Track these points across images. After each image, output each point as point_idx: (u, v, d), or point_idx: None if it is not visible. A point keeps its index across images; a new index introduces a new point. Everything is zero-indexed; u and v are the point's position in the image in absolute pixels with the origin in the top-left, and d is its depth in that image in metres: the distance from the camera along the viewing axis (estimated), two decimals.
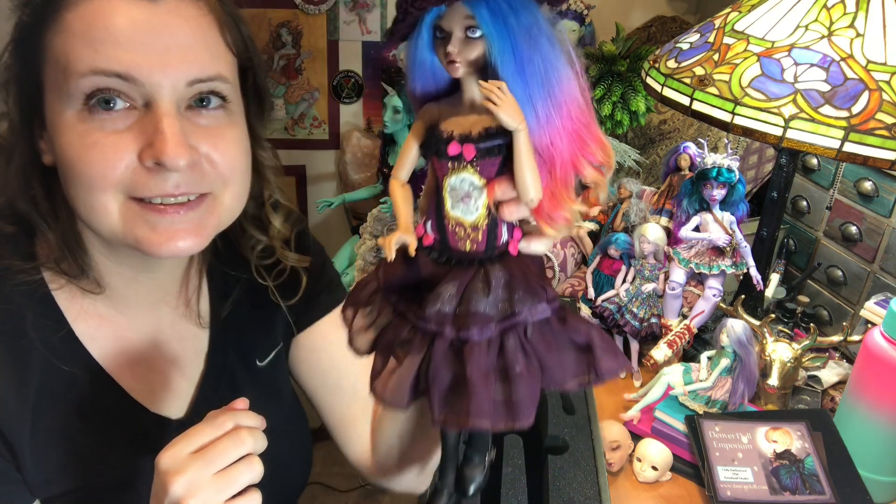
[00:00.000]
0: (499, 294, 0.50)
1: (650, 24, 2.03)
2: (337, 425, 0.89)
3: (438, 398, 0.48)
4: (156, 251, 0.62)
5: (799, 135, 0.88)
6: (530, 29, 0.46)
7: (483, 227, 0.50)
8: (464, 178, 0.49)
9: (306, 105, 2.03)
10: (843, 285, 1.32)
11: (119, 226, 0.61)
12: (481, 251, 0.51)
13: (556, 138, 0.48)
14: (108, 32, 0.57)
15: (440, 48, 0.48)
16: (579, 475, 0.84)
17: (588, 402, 0.97)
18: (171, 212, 0.62)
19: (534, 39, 0.46)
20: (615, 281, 1.18)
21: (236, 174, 0.66)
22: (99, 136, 0.58)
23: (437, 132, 0.49)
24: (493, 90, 0.45)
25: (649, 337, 1.16)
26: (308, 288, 0.82)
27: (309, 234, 0.85)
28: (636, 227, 1.21)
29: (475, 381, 0.47)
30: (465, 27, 0.46)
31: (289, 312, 0.83)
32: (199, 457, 0.55)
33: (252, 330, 0.81)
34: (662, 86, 1.05)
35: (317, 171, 2.13)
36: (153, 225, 0.61)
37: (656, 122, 1.72)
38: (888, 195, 1.21)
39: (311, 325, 0.86)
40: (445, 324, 0.49)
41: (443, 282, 0.49)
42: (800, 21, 0.95)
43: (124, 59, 0.57)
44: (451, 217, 0.50)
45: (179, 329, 0.76)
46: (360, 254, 1.48)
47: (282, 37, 1.90)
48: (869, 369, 0.92)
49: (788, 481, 0.91)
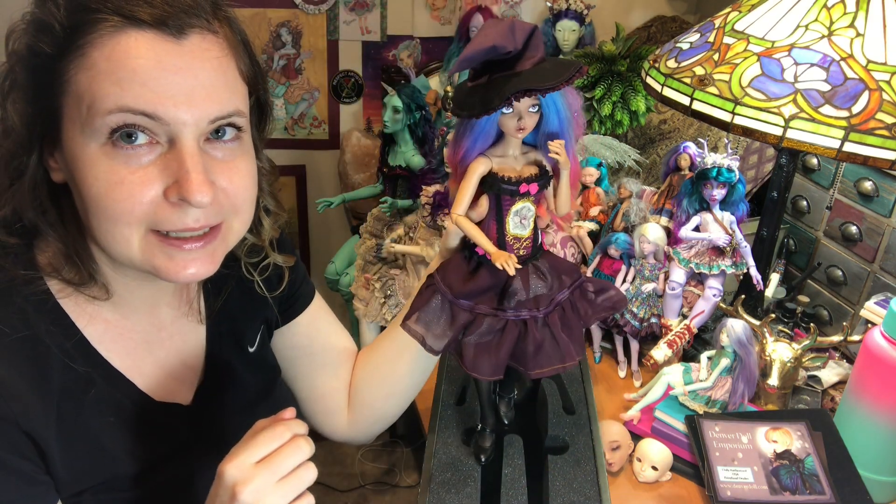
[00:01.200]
0: (550, 278, 0.73)
1: (650, 23, 2.03)
2: (319, 399, 0.96)
3: (533, 358, 0.70)
4: (172, 278, 0.66)
5: (799, 135, 0.88)
6: (565, 98, 0.68)
7: (531, 238, 0.72)
8: (525, 205, 0.70)
9: (306, 105, 2.03)
10: (843, 285, 1.32)
11: (138, 255, 0.64)
12: (529, 254, 0.72)
13: (575, 162, 0.71)
14: (135, 73, 0.59)
15: (509, 120, 0.66)
16: (579, 475, 0.84)
17: (588, 402, 0.97)
18: (188, 244, 0.65)
19: (564, 102, 0.68)
20: (615, 281, 1.18)
21: (247, 203, 0.69)
22: (125, 174, 0.60)
23: (499, 177, 0.68)
24: (560, 150, 0.67)
25: (649, 337, 1.16)
26: (290, 280, 0.88)
27: (283, 231, 0.90)
28: (636, 227, 1.21)
29: (561, 338, 0.71)
30: (530, 105, 0.66)
31: (275, 303, 0.88)
32: (264, 466, 0.61)
33: (242, 320, 0.86)
34: (662, 85, 1.05)
35: (317, 170, 2.13)
36: (171, 256, 0.65)
37: (656, 122, 1.72)
38: (888, 195, 1.21)
39: (298, 314, 0.92)
40: (529, 308, 0.71)
41: (509, 280, 0.71)
42: (800, 21, 0.95)
43: (151, 98, 0.59)
44: (511, 234, 0.71)
45: (180, 326, 0.80)
46: (361, 253, 1.48)
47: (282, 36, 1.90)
48: (869, 369, 0.92)
49: (788, 481, 0.91)
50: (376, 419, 0.96)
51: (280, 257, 0.85)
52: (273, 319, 0.90)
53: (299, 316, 0.92)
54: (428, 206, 1.30)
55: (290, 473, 0.62)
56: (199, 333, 0.82)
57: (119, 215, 0.61)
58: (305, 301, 0.93)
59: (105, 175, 0.60)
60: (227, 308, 0.84)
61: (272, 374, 0.91)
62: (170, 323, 0.78)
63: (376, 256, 1.45)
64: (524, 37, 0.62)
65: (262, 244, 0.81)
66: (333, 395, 0.96)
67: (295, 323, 0.92)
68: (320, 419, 0.97)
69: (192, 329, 0.81)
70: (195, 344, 0.81)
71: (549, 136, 0.69)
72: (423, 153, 1.47)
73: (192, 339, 0.81)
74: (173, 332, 0.79)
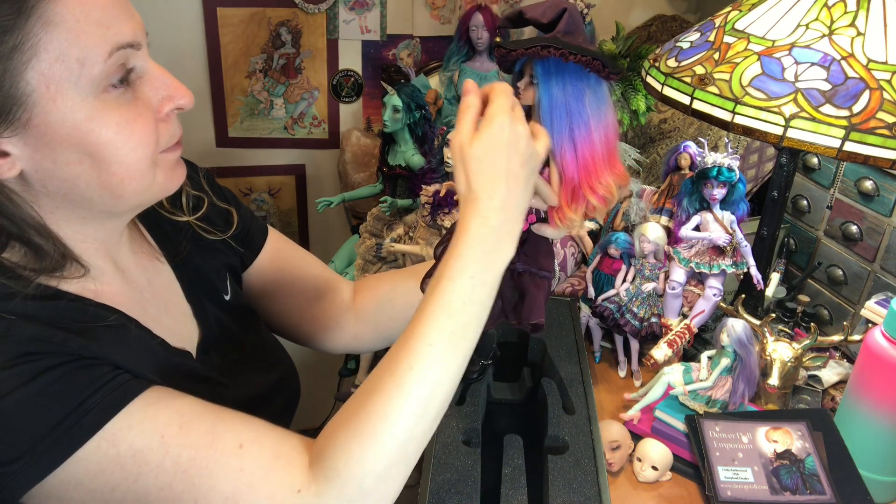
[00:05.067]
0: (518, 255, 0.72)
1: (650, 22, 2.03)
2: (311, 322, 1.00)
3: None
4: (174, 187, 0.70)
5: (799, 134, 0.88)
6: (564, 86, 0.68)
7: None
8: None
9: (306, 104, 2.02)
10: (843, 285, 1.32)
11: (159, 178, 0.67)
12: None
13: (566, 162, 0.70)
14: (105, 9, 0.59)
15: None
16: (579, 475, 0.84)
17: (588, 402, 0.97)
18: (175, 151, 0.69)
19: (566, 93, 0.68)
20: (615, 280, 1.18)
21: None
22: (134, 109, 0.63)
23: None
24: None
25: (649, 336, 1.16)
26: (240, 218, 0.91)
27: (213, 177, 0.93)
28: (636, 227, 1.20)
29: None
30: (531, 74, 0.70)
31: (234, 243, 0.90)
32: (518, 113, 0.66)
33: (208, 271, 0.86)
34: (663, 85, 1.04)
35: (316, 170, 2.12)
36: (170, 167, 0.69)
37: (656, 122, 1.72)
38: (889, 194, 1.21)
39: (259, 251, 0.95)
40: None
41: None
42: (800, 20, 0.94)
43: (127, 28, 0.61)
44: None
45: (152, 274, 0.80)
46: (360, 253, 1.48)
47: (281, 36, 1.90)
48: (869, 369, 0.92)
49: (789, 481, 0.90)
50: (385, 338, 1.02)
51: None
52: (236, 265, 0.92)
53: (262, 252, 0.95)
54: (428, 205, 1.30)
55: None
56: (169, 274, 0.82)
57: (142, 145, 0.63)
58: (261, 236, 0.95)
59: (117, 118, 0.62)
60: (191, 262, 0.84)
61: (253, 317, 0.93)
62: (140, 273, 0.77)
63: (376, 256, 1.45)
64: (554, 14, 0.68)
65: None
66: (322, 316, 0.99)
67: (259, 260, 0.95)
68: (319, 338, 1.01)
69: (160, 270, 0.81)
70: (169, 285, 0.81)
71: (542, 121, 0.70)
72: (423, 152, 1.47)
73: (164, 280, 0.81)
74: (153, 282, 0.79)
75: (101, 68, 0.59)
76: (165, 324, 0.77)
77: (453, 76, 1.73)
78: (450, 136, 0.68)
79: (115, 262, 0.74)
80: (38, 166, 0.61)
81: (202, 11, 1.82)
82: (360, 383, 1.53)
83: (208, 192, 0.88)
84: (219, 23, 1.82)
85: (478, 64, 1.71)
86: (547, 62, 0.68)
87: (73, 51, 0.57)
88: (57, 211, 0.66)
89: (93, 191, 0.64)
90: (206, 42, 1.86)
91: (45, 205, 0.65)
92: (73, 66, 0.58)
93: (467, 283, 0.64)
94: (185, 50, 1.86)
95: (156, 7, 1.80)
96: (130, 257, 0.77)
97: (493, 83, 0.68)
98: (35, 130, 0.59)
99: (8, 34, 0.55)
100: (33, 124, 0.59)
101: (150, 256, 0.81)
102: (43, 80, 0.57)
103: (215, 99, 1.95)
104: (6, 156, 0.60)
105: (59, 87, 0.58)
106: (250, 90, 1.96)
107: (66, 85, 0.58)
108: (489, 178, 0.64)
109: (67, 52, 0.57)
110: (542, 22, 0.68)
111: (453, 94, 1.75)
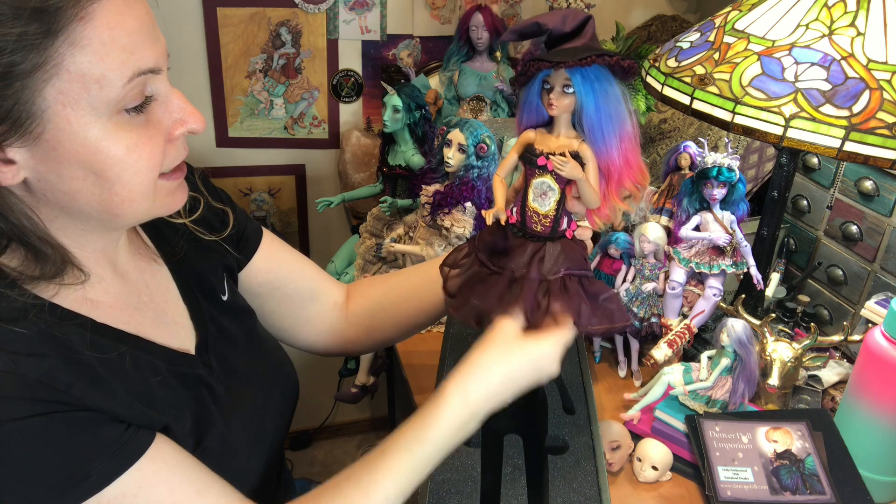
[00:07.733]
0: (550, 262, 0.76)
1: (650, 22, 2.02)
2: (304, 325, 1.01)
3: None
4: (174, 208, 0.71)
5: (799, 134, 0.88)
6: (606, 91, 0.70)
7: (551, 216, 0.76)
8: (544, 181, 0.75)
9: (306, 104, 2.02)
10: (843, 285, 1.32)
11: (159, 199, 0.68)
12: (547, 233, 0.77)
13: (613, 161, 0.73)
14: (131, 34, 0.59)
15: (545, 95, 0.72)
16: (579, 475, 0.84)
17: (588, 402, 0.97)
18: (178, 174, 0.70)
19: (607, 98, 0.71)
20: (615, 280, 1.18)
21: None
22: (144, 132, 0.63)
23: (531, 148, 0.75)
24: (557, 163, 0.72)
25: (649, 336, 1.16)
26: (235, 220, 0.92)
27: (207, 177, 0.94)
28: (636, 227, 1.20)
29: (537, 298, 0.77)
30: (563, 84, 0.70)
31: (229, 245, 0.91)
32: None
33: (205, 271, 0.87)
34: (662, 85, 1.04)
35: (316, 170, 2.12)
36: (171, 190, 0.70)
37: (656, 121, 1.72)
38: (889, 194, 1.21)
39: (254, 252, 0.95)
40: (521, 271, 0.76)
41: (518, 250, 0.77)
42: (800, 20, 0.94)
43: (150, 54, 0.62)
44: (531, 207, 0.76)
45: (149, 277, 0.81)
46: (360, 253, 1.48)
47: (281, 36, 1.90)
48: (869, 369, 0.92)
49: (789, 481, 0.90)
50: (377, 341, 1.05)
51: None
52: (233, 265, 0.92)
53: (256, 253, 0.95)
54: (428, 205, 1.29)
55: None
56: (166, 275, 0.83)
57: (147, 168, 0.64)
58: (256, 237, 0.96)
59: (127, 140, 0.62)
60: (188, 263, 0.85)
61: (250, 316, 0.93)
62: (137, 276, 0.78)
63: (376, 256, 1.45)
64: (575, 23, 0.70)
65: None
66: (314, 318, 1.01)
67: (254, 261, 0.95)
68: (311, 342, 1.03)
69: (157, 271, 0.82)
70: (167, 288, 0.82)
71: (589, 127, 0.72)
72: (423, 153, 1.47)
73: (162, 282, 0.82)
74: (149, 280, 0.79)
75: (119, 92, 0.59)
76: (163, 326, 0.77)
77: (453, 76, 1.73)
78: (508, 316, 0.75)
79: (113, 267, 0.75)
80: (42, 177, 0.62)
81: (202, 11, 1.82)
82: (360, 383, 1.54)
83: (204, 192, 0.88)
84: (219, 23, 1.82)
85: (478, 64, 1.71)
86: (587, 70, 0.69)
87: (94, 72, 0.57)
88: (56, 220, 0.67)
89: (91, 207, 0.65)
90: (206, 42, 1.86)
91: (45, 213, 0.65)
92: (91, 86, 0.58)
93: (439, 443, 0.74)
94: (185, 50, 1.85)
95: (156, 7, 1.79)
96: (128, 259, 0.78)
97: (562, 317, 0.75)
98: (45, 144, 0.59)
99: (34, 52, 0.55)
100: (44, 138, 0.59)
101: (147, 257, 0.81)
102: (60, 97, 0.57)
103: (215, 99, 1.95)
104: (12, 164, 0.60)
105: (75, 105, 0.58)
106: (250, 90, 1.96)
107: (83, 104, 0.58)
108: (504, 381, 0.74)
109: (88, 73, 0.57)
110: (564, 31, 0.70)
111: (453, 94, 1.75)
